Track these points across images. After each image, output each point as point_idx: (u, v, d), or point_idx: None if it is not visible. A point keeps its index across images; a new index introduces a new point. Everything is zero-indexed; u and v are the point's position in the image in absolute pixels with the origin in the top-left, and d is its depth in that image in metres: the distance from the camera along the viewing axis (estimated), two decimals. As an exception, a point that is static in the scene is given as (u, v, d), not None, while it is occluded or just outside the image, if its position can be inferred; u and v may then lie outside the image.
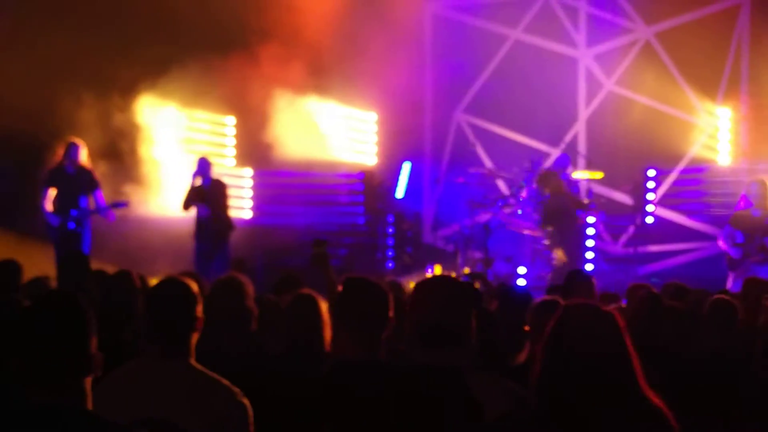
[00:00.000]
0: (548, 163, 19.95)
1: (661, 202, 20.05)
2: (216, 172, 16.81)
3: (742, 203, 14.91)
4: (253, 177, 21.04)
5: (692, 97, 19.85)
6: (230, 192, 16.78)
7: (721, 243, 14.73)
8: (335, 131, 21.07)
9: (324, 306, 6.41)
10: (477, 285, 10.87)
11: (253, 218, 20.73)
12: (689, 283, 10.38)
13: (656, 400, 4.07)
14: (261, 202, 20.94)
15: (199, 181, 16.12)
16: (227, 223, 16.17)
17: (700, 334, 7.59)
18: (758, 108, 19.37)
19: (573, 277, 9.09)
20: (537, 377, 4.00)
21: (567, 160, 17.52)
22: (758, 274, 13.10)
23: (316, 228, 19.63)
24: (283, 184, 20.88)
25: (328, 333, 6.21)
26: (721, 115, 19.91)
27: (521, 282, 16.79)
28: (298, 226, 19.92)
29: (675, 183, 19.98)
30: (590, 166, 19.70)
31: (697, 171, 19.86)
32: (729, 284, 14.33)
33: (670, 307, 7.66)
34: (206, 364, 4.99)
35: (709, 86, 19.58)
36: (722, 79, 19.42)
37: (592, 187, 19.08)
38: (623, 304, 9.61)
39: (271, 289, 9.30)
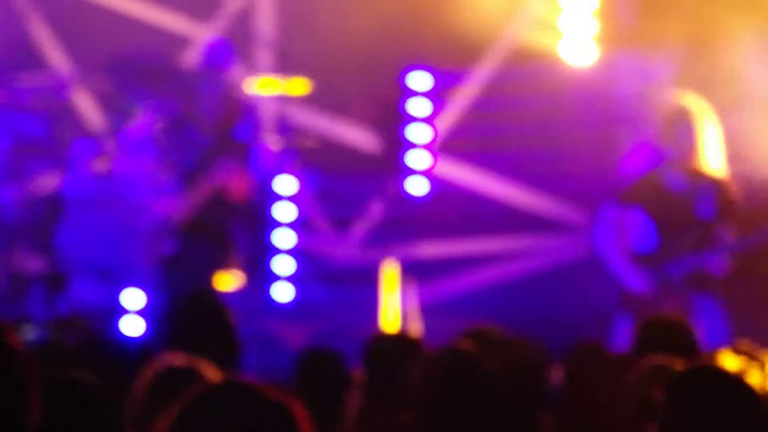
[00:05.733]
0: (191, 56, 14.49)
1: (445, 149, 13.82)
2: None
3: (637, 159, 10.58)
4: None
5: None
6: None
7: (599, 245, 10.27)
8: None
9: None
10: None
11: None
12: (512, 329, 7.68)
13: None
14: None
15: None
16: None
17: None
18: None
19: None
20: None
21: (227, 51, 13.29)
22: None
23: None
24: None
25: None
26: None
27: (132, 325, 12.50)
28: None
29: (474, 105, 13.76)
30: (284, 66, 13.96)
31: (512, 76, 13.55)
32: (619, 338, 9.83)
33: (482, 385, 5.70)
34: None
35: None
36: None
37: (287, 112, 13.85)
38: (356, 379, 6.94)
39: None
